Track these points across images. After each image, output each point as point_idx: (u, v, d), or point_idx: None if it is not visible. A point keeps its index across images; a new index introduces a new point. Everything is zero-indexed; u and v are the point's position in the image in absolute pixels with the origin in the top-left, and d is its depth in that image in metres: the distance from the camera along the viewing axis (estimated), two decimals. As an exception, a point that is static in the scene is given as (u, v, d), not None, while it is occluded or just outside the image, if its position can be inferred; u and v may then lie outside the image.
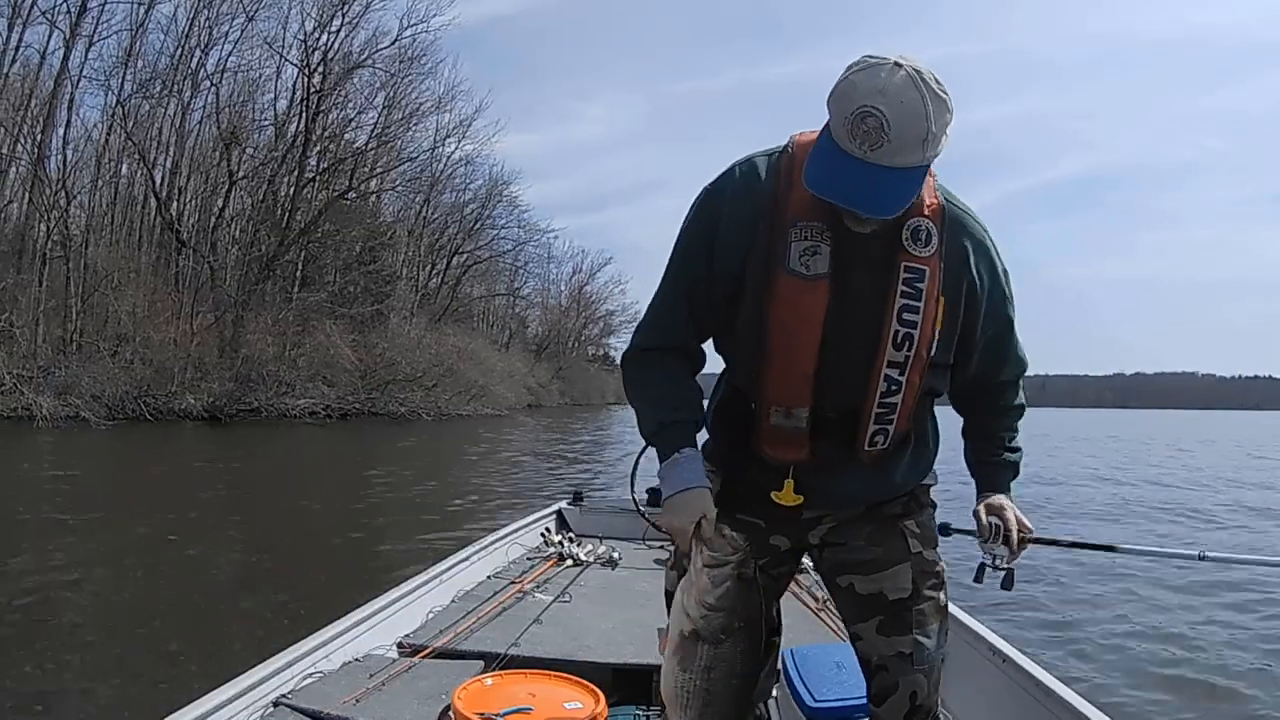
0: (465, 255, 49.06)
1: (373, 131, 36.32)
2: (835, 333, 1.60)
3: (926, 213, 1.61)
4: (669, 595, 1.82)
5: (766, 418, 1.70)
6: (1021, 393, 1.91)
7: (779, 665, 2.00)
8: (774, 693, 2.51)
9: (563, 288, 69.68)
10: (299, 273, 33.29)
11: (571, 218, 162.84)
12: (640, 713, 2.76)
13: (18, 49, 24.00)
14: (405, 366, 33.81)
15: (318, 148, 33.89)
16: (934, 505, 1.89)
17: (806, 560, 2.01)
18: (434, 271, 47.21)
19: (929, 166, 1.50)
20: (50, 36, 24.94)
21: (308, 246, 33.70)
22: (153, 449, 18.33)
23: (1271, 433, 56.61)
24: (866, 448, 1.69)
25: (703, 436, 1.78)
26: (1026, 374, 1.89)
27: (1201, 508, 13.73)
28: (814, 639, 3.01)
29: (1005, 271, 1.74)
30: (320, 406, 28.84)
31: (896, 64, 1.41)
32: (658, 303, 1.73)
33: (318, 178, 33.95)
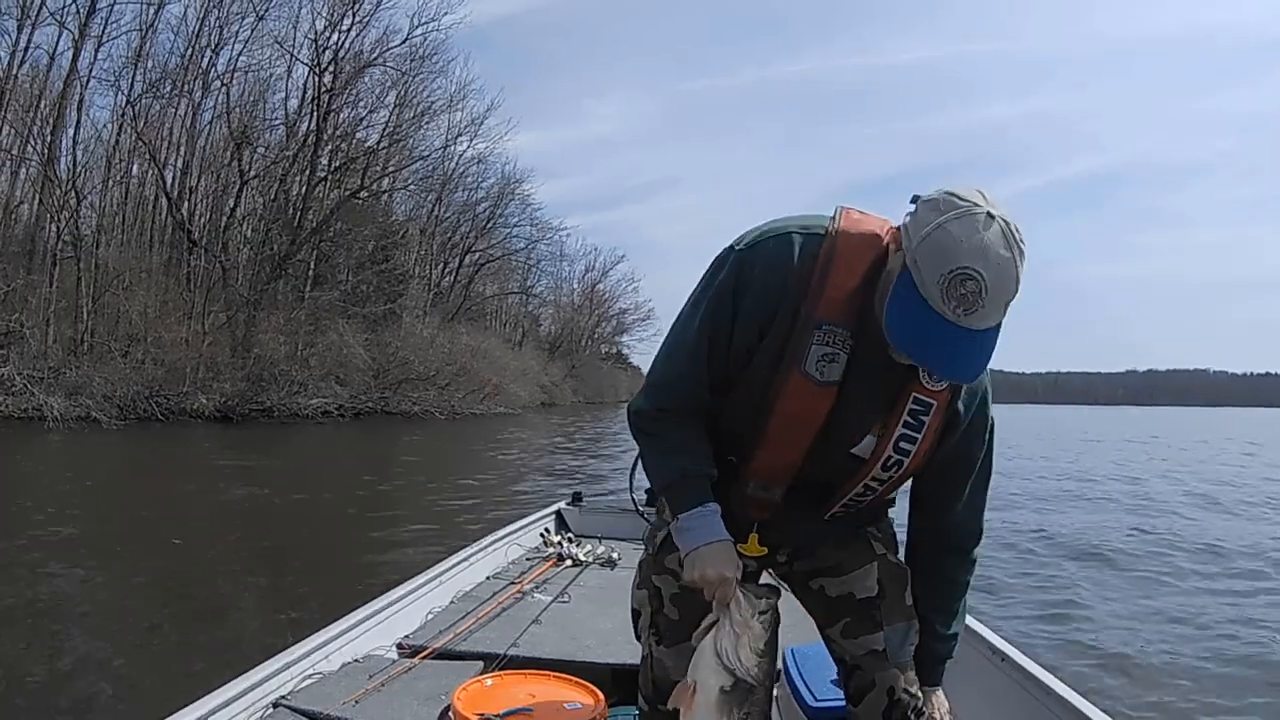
0: (478, 254, 48.99)
1: (384, 130, 36.27)
2: (828, 433, 1.62)
3: None
4: (636, 614, 1.94)
5: (744, 484, 1.72)
6: (970, 570, 1.86)
7: (779, 664, 2.00)
8: (774, 692, 2.54)
9: (575, 286, 69.74)
10: (311, 272, 33.23)
11: (584, 216, 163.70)
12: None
13: (26, 50, 23.91)
14: (418, 365, 33.75)
15: (329, 147, 33.79)
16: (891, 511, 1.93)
17: None
18: (447, 270, 47.15)
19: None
20: (59, 37, 24.86)
21: (320, 246, 33.63)
22: (164, 449, 18.27)
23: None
24: (826, 518, 1.76)
25: None
26: (983, 523, 1.83)
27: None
28: (814, 638, 3.06)
29: (990, 421, 1.72)
30: (333, 406, 28.76)
31: (990, 214, 1.35)
32: (677, 362, 1.68)
33: (329, 177, 33.83)
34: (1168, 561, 8.67)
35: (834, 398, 1.58)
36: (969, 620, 2.96)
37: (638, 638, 1.97)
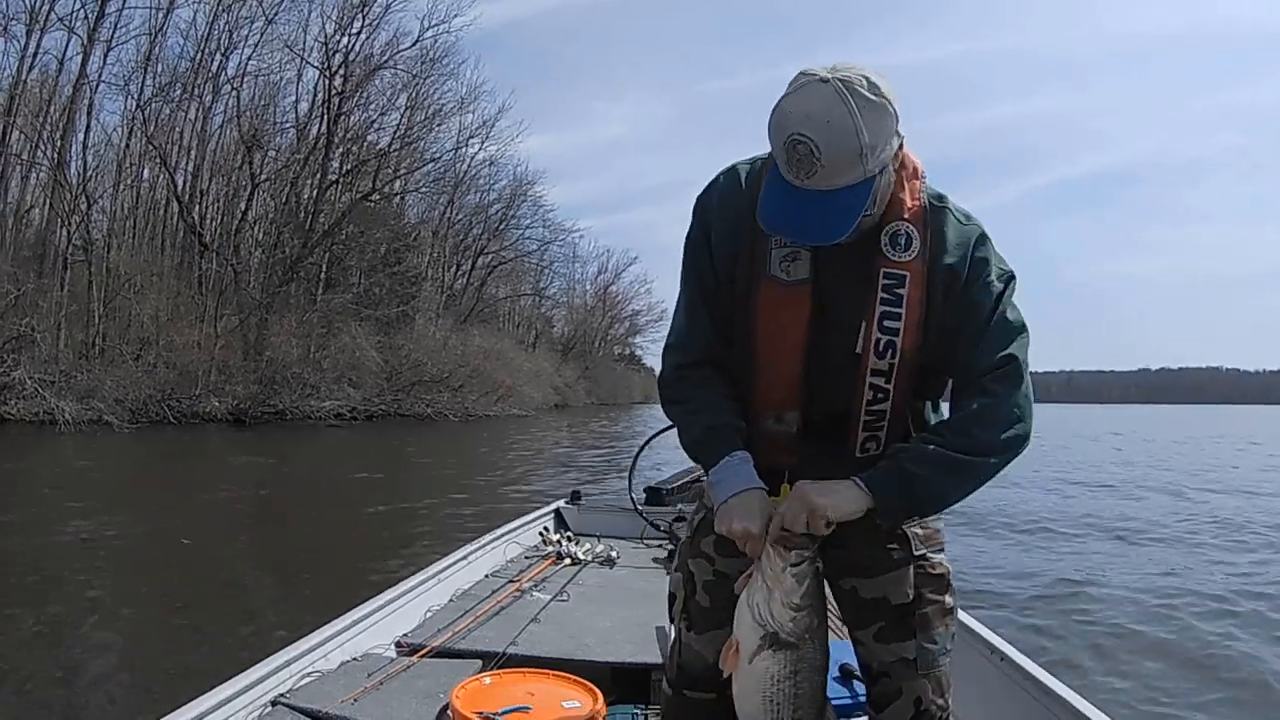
0: (490, 256, 49.10)
1: (395, 133, 36.35)
2: (818, 338, 1.60)
3: (906, 216, 1.57)
4: (673, 598, 1.87)
5: (759, 423, 1.68)
6: (1014, 386, 1.56)
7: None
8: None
9: (588, 287, 69.65)
10: (323, 275, 33.32)
11: (597, 218, 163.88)
12: (638, 712, 2.73)
13: (35, 55, 23.98)
14: (431, 368, 33.71)
15: (340, 150, 33.94)
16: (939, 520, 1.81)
17: None
18: (459, 272, 47.29)
19: (875, 178, 1.45)
20: (68, 42, 24.93)
21: (332, 249, 33.69)
22: (175, 452, 18.24)
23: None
24: (858, 454, 1.65)
25: None
26: (1022, 371, 1.57)
27: None
28: None
29: (1002, 271, 1.61)
30: (346, 408, 28.74)
31: (824, 78, 1.37)
32: (681, 319, 1.73)
33: (341, 180, 33.95)
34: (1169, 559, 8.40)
35: (808, 296, 1.59)
36: (967, 620, 2.85)
37: (672, 621, 1.91)
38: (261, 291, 29.51)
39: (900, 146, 1.50)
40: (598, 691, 2.48)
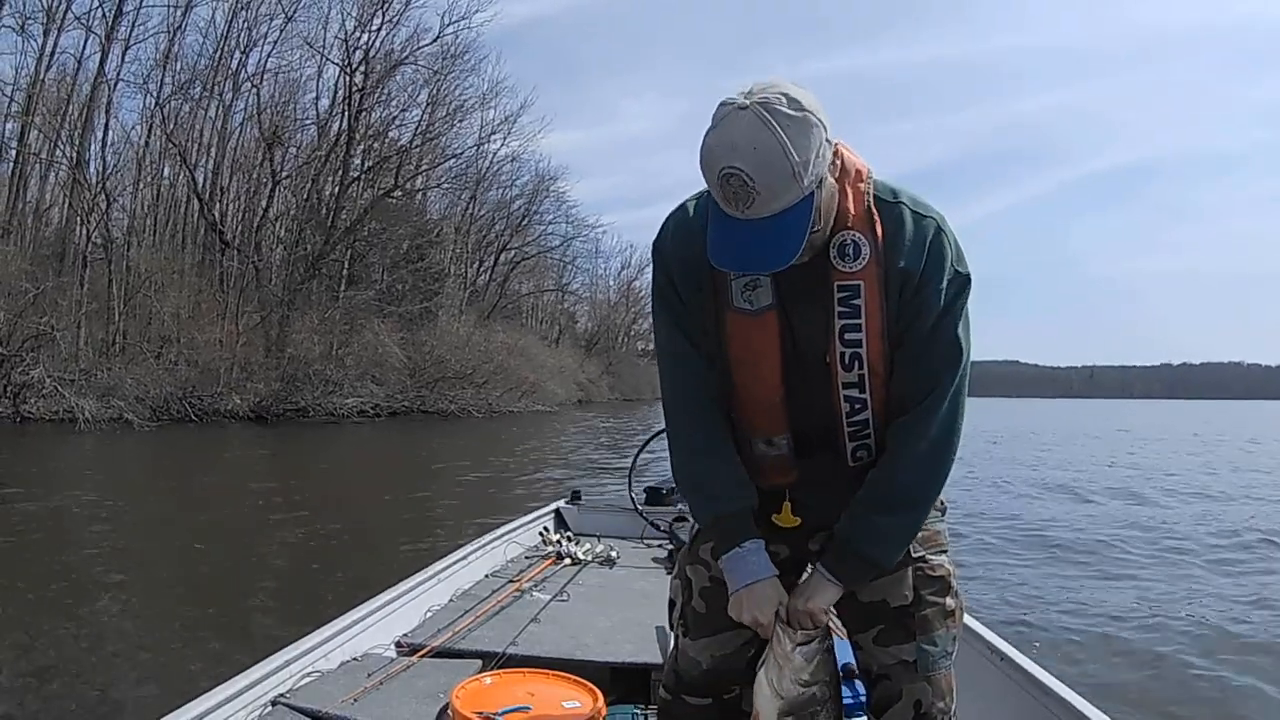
0: (513, 251, 49.03)
1: (417, 129, 36.23)
2: (793, 360, 1.60)
3: (851, 224, 1.54)
4: (672, 604, 1.92)
5: (750, 447, 1.70)
6: (941, 425, 1.60)
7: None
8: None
9: (611, 283, 69.52)
10: (346, 271, 33.21)
11: (620, 214, 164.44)
12: (638, 712, 2.71)
13: (53, 54, 23.92)
14: (455, 364, 33.55)
15: (362, 146, 33.82)
16: (942, 509, 1.78)
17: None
18: (482, 268, 47.33)
19: (815, 193, 1.41)
20: (86, 41, 24.87)
21: (354, 245, 33.66)
22: (196, 450, 18.12)
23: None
24: (851, 464, 1.67)
25: None
26: (946, 400, 1.59)
27: None
28: None
29: (956, 274, 1.56)
30: (369, 405, 28.62)
31: (741, 107, 1.37)
32: (668, 365, 1.72)
33: (362, 176, 33.84)
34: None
35: (775, 320, 1.58)
36: (967, 620, 2.79)
37: (671, 628, 1.93)
38: (283, 288, 29.46)
39: (835, 154, 1.48)
40: (598, 691, 2.47)
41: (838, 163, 1.49)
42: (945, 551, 1.76)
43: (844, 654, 2.11)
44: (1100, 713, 2.26)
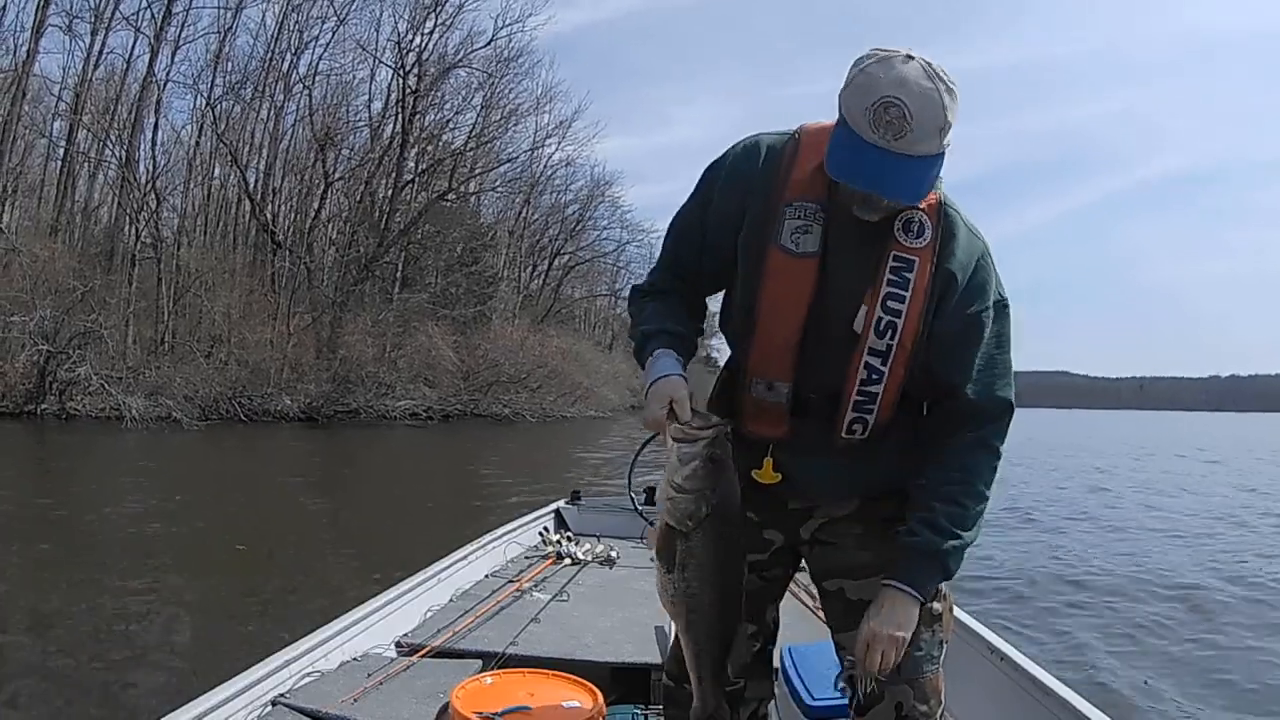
0: (567, 256, 48.50)
1: (471, 132, 35.89)
2: (819, 311, 1.60)
3: (922, 206, 1.57)
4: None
5: (749, 389, 1.70)
6: (993, 438, 1.65)
7: (777, 664, 2.02)
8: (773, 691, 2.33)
9: (665, 289, 68.62)
10: (399, 274, 32.99)
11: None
12: (639, 711, 2.72)
13: (101, 54, 23.88)
14: (509, 368, 33.06)
15: (415, 149, 33.66)
16: None
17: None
18: (536, 273, 46.91)
19: (944, 155, 1.46)
20: (135, 42, 24.84)
21: (408, 248, 33.47)
22: (244, 450, 17.85)
23: None
24: (844, 434, 1.66)
25: None
26: (1002, 405, 1.64)
27: None
28: (812, 637, 2.78)
29: (1001, 297, 1.63)
30: (421, 408, 28.30)
31: (909, 55, 1.42)
32: (665, 245, 1.78)
33: (416, 179, 33.68)
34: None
35: (815, 270, 1.58)
36: (967, 619, 2.84)
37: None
38: (335, 290, 29.25)
39: None
40: (598, 691, 2.35)
41: None
42: None
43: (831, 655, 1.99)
44: (1099, 712, 2.24)
